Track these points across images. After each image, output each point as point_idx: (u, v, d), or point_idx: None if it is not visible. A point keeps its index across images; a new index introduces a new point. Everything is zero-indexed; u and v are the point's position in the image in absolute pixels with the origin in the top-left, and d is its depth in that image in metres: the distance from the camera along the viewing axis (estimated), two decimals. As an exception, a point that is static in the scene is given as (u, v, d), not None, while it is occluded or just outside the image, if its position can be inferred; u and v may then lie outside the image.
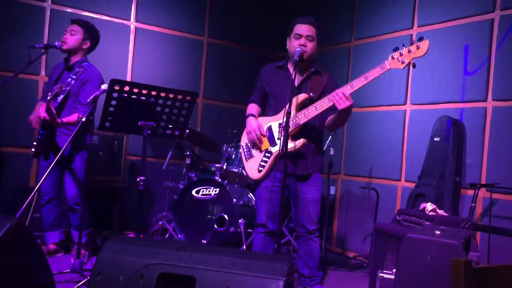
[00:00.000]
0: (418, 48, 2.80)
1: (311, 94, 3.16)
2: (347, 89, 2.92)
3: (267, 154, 3.19)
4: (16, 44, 4.68)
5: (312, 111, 3.07)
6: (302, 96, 3.15)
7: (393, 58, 2.88)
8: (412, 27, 4.70)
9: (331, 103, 2.99)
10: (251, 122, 3.26)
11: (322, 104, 3.04)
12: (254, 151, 3.27)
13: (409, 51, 2.82)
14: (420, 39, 2.82)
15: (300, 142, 3.09)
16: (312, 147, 3.27)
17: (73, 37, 3.85)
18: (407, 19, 4.75)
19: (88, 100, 3.29)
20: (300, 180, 3.25)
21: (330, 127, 3.27)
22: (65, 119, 3.64)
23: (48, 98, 3.44)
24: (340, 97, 2.89)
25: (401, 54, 2.85)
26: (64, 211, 4.09)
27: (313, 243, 3.29)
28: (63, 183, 3.91)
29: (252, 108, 3.39)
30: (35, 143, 3.73)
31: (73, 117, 3.67)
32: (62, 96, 3.74)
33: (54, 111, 3.49)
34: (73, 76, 3.80)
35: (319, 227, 3.31)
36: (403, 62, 2.84)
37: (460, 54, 4.24)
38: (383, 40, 5.01)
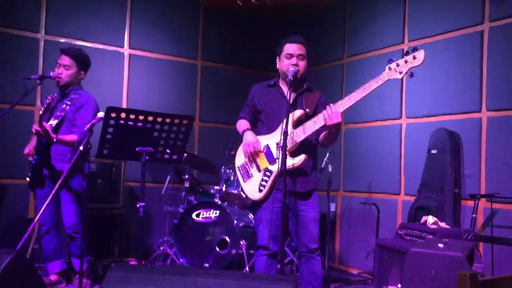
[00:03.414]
0: (414, 58, 2.85)
1: (307, 110, 3.17)
2: (343, 104, 2.95)
3: (267, 173, 3.17)
4: (10, 75, 4.70)
5: (311, 127, 3.07)
6: (298, 112, 3.15)
7: (390, 69, 2.91)
8: (403, 42, 4.76)
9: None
10: (249, 137, 3.22)
11: (320, 120, 3.05)
12: (252, 171, 3.24)
13: (406, 62, 2.87)
14: (415, 49, 2.86)
15: (301, 159, 3.09)
16: (311, 163, 3.26)
17: (68, 72, 3.84)
18: (398, 34, 4.81)
19: (86, 128, 3.29)
20: (301, 198, 3.23)
21: (323, 144, 3.28)
22: (60, 136, 3.61)
23: (40, 113, 3.42)
24: (333, 111, 2.92)
25: (398, 65, 2.89)
26: (64, 241, 4.06)
27: (315, 262, 3.26)
28: (61, 211, 3.88)
29: (245, 123, 3.35)
30: (29, 174, 3.72)
31: (69, 137, 3.65)
32: (56, 121, 3.73)
33: (47, 127, 3.47)
34: (68, 102, 3.80)
35: (320, 246, 3.29)
36: (401, 72, 2.88)
37: (451, 66, 4.29)
38: (375, 56, 5.06)
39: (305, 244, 3.22)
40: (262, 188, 3.17)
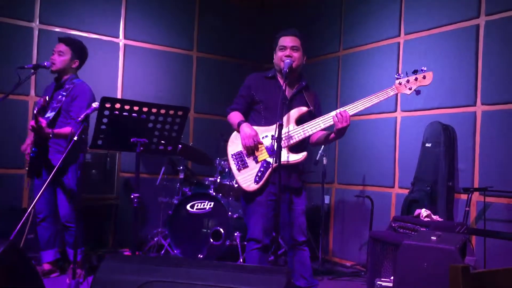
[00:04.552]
0: (424, 78, 3.05)
1: (311, 108, 3.19)
2: (352, 110, 3.05)
3: (265, 165, 3.16)
4: (4, 64, 4.67)
5: (318, 126, 3.10)
6: (303, 109, 3.16)
7: (400, 84, 3.08)
8: (399, 35, 4.75)
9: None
10: (247, 129, 3.19)
11: (329, 121, 3.08)
12: (248, 161, 3.22)
13: (416, 79, 3.06)
14: (423, 70, 3.03)
15: (304, 155, 3.12)
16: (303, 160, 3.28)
17: (61, 58, 3.86)
18: (394, 27, 4.80)
19: (79, 118, 3.28)
20: (294, 193, 3.25)
21: (316, 143, 3.33)
22: (56, 130, 3.65)
23: (35, 112, 3.44)
24: (343, 116, 3.00)
25: (408, 81, 3.06)
26: (59, 230, 4.06)
27: (304, 253, 3.27)
28: (56, 201, 3.89)
29: (239, 115, 3.32)
30: (28, 162, 3.74)
31: (65, 130, 3.68)
32: (53, 113, 3.73)
33: (43, 123, 3.48)
34: (63, 93, 3.80)
35: (308, 238, 3.32)
36: (410, 89, 3.08)
37: (447, 60, 4.29)
38: (371, 48, 5.05)
39: (294, 237, 3.23)
40: (258, 179, 3.15)
